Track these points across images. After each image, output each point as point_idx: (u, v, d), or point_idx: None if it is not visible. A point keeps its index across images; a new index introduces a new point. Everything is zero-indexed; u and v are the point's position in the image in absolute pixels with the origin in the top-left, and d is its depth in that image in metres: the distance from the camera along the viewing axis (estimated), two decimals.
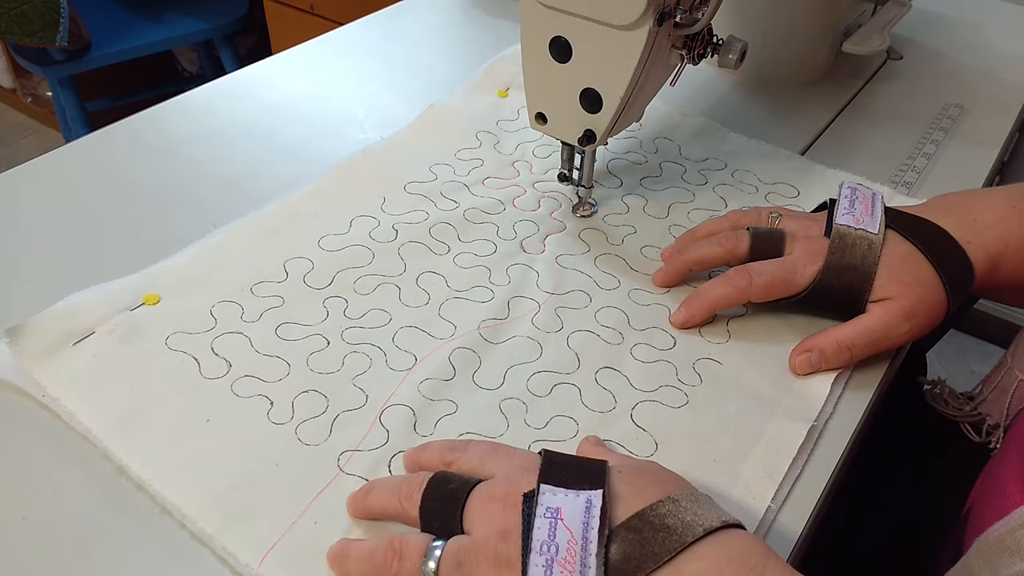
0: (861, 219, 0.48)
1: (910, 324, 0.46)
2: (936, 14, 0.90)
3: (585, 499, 0.32)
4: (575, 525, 0.31)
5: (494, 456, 0.37)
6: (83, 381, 0.42)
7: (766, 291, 0.48)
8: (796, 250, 0.49)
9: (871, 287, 0.46)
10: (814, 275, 0.47)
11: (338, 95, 0.70)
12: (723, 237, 0.51)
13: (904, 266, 0.47)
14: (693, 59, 0.51)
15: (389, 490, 0.36)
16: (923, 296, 0.46)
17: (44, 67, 1.55)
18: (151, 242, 0.52)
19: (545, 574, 0.30)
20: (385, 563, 0.33)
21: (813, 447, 0.43)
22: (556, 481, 0.33)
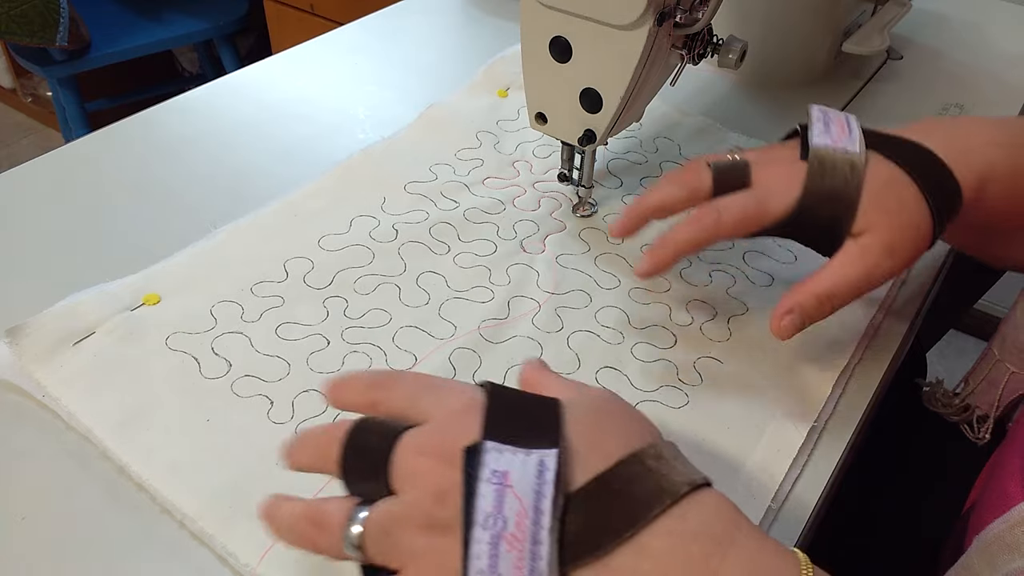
0: (839, 139, 0.43)
1: (892, 260, 0.41)
2: (936, 14, 0.90)
3: (537, 460, 0.27)
4: (525, 492, 0.26)
5: (427, 393, 0.31)
6: (83, 381, 0.42)
7: (737, 226, 0.42)
8: (765, 177, 0.44)
9: (855, 216, 0.41)
10: (793, 203, 0.42)
11: (338, 95, 0.70)
12: (681, 176, 0.45)
13: (888, 190, 0.42)
14: (693, 59, 0.51)
15: (313, 443, 0.31)
16: (907, 223, 0.41)
17: (44, 67, 1.55)
18: (151, 242, 0.52)
19: (490, 552, 0.26)
20: (306, 536, 0.29)
21: (813, 447, 0.43)
22: (504, 435, 0.28)
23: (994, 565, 0.35)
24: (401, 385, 0.32)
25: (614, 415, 0.32)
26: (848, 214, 0.41)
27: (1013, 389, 0.51)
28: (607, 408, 0.32)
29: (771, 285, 0.52)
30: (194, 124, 0.65)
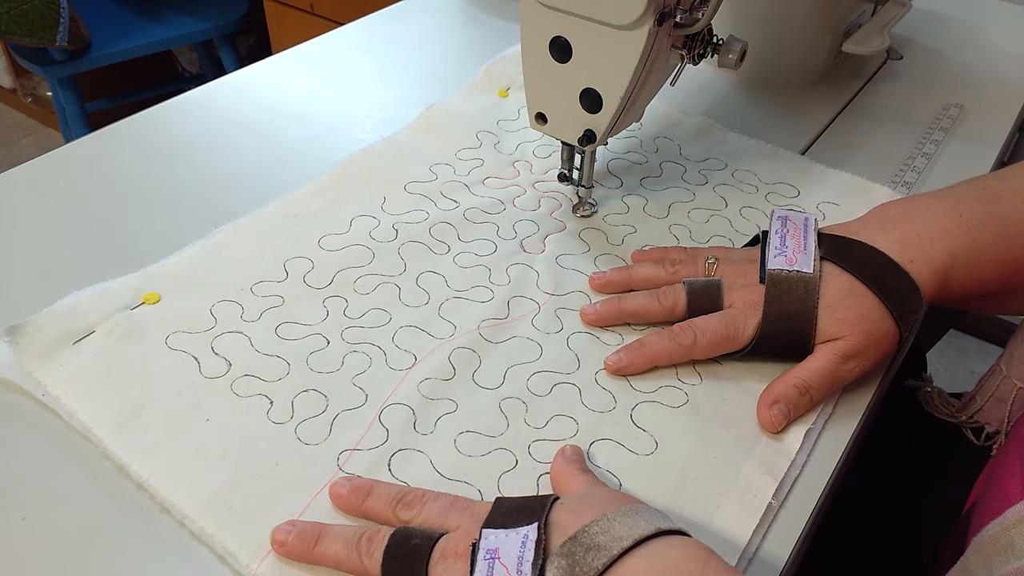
0: (794, 258, 0.46)
1: (858, 361, 0.44)
2: (936, 14, 0.90)
3: (522, 535, 0.32)
4: (511, 561, 0.31)
5: (454, 510, 0.36)
6: (83, 380, 0.42)
7: (711, 349, 0.46)
8: (736, 302, 0.46)
9: (815, 331, 0.44)
10: (755, 328, 0.45)
11: (338, 95, 0.70)
12: (661, 294, 0.48)
13: (845, 302, 0.44)
14: (693, 59, 0.51)
15: (345, 543, 0.35)
16: (870, 331, 0.44)
17: (44, 67, 1.55)
18: (151, 242, 0.52)
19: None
20: None
21: (813, 447, 0.43)
22: (497, 524, 0.33)
23: (990, 567, 0.35)
24: (431, 504, 0.37)
25: (601, 497, 0.35)
26: (808, 329, 0.44)
27: (1021, 404, 0.50)
28: (598, 493, 0.36)
29: None
30: (194, 124, 0.65)
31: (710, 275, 0.49)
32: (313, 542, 0.35)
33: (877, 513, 0.57)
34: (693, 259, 0.50)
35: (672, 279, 0.49)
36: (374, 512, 0.37)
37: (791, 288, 0.45)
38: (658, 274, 0.50)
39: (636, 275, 0.51)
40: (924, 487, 0.58)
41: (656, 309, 0.48)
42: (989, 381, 0.53)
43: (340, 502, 0.38)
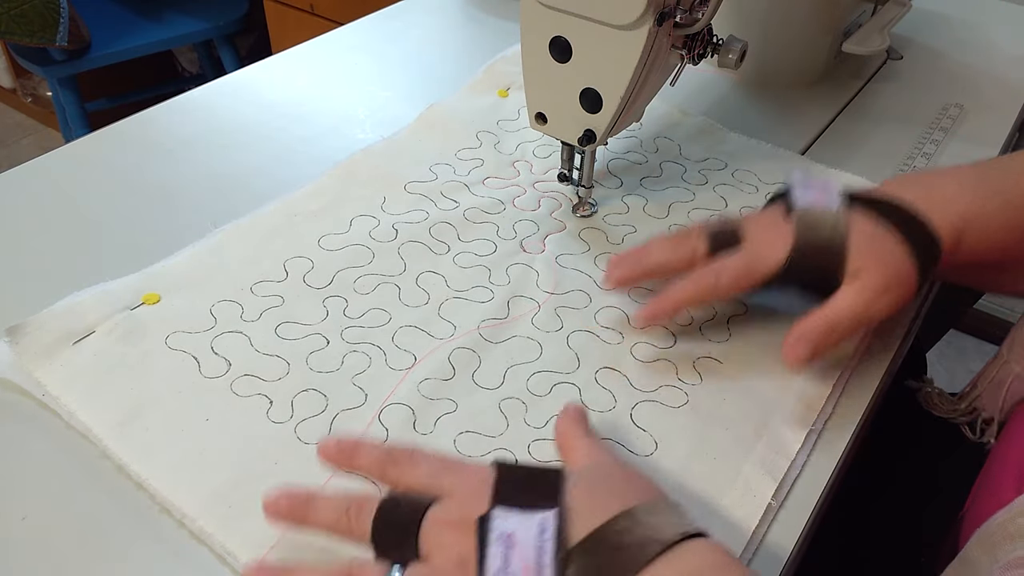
0: (820, 199, 0.47)
1: (888, 298, 0.44)
2: (936, 14, 0.90)
3: (539, 521, 0.31)
4: (528, 550, 0.30)
5: (447, 472, 0.35)
6: (83, 380, 0.42)
7: (733, 285, 0.46)
8: (756, 237, 0.47)
9: (844, 263, 0.44)
10: (784, 257, 0.45)
11: (338, 95, 0.70)
12: (679, 242, 0.48)
13: (873, 241, 0.45)
14: (693, 59, 0.51)
15: (335, 507, 0.35)
16: (897, 270, 0.44)
17: (44, 67, 1.55)
18: (151, 242, 0.52)
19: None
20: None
21: (813, 447, 0.43)
22: (509, 501, 0.32)
23: (994, 555, 0.35)
24: (422, 465, 0.35)
25: (615, 478, 0.35)
26: (838, 262, 0.45)
27: (1017, 391, 0.51)
28: (609, 472, 0.35)
29: None
30: (194, 124, 0.65)
31: None
32: (304, 510, 0.35)
33: (877, 513, 0.58)
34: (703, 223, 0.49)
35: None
36: (364, 468, 0.37)
37: (820, 222, 0.45)
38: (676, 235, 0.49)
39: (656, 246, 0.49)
40: (924, 487, 0.59)
41: (677, 257, 0.47)
42: (990, 367, 0.53)
43: (327, 457, 0.37)
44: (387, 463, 0.36)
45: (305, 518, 0.35)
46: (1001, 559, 0.35)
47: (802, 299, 0.47)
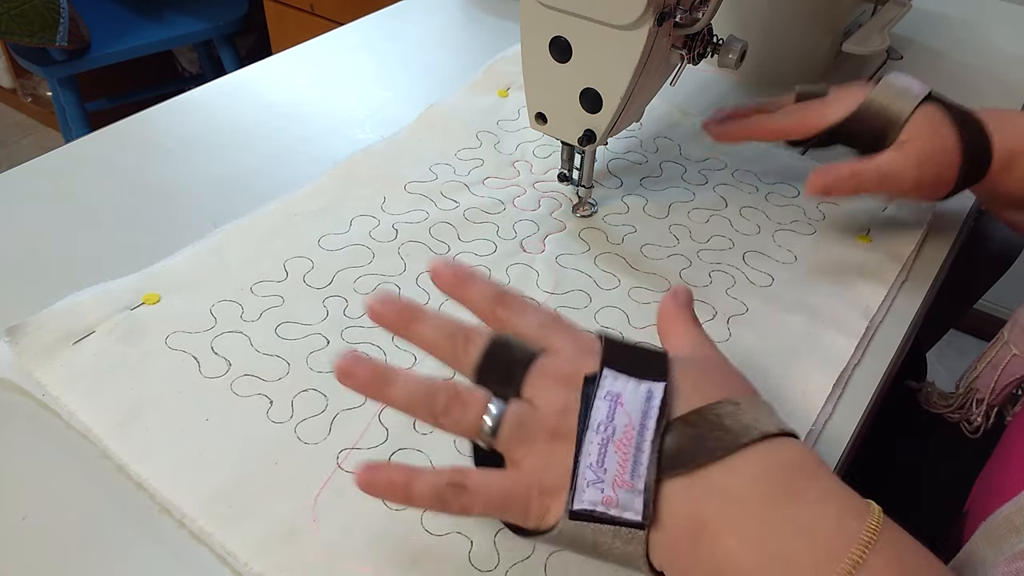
0: (910, 85, 0.53)
1: (919, 171, 0.50)
2: (936, 14, 0.90)
3: (647, 389, 0.32)
4: (634, 411, 0.31)
5: (555, 329, 0.35)
6: (83, 380, 0.42)
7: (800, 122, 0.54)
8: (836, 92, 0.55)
9: (899, 129, 0.51)
10: (849, 111, 0.52)
11: (338, 95, 0.70)
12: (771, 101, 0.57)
13: (931, 125, 0.51)
14: (693, 59, 0.51)
15: (444, 331, 0.34)
16: (939, 150, 0.50)
17: (44, 67, 1.55)
18: (151, 242, 0.52)
19: (599, 451, 0.31)
20: (447, 407, 0.32)
21: (813, 447, 0.43)
22: (619, 367, 0.33)
23: (999, 548, 0.35)
24: (531, 314, 0.36)
25: (718, 371, 0.35)
26: (893, 127, 0.51)
27: (1011, 372, 0.51)
28: (713, 365, 0.35)
29: (771, 285, 0.52)
30: (194, 124, 0.65)
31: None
32: (411, 318, 0.35)
33: None
34: None
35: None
36: (473, 301, 0.37)
37: (893, 93, 0.52)
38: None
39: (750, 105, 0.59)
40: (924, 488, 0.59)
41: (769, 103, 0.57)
42: (990, 348, 0.54)
43: (440, 281, 0.37)
44: (498, 303, 0.36)
45: (409, 329, 0.35)
46: (1006, 551, 0.34)
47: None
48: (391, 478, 0.31)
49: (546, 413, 0.32)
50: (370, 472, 0.32)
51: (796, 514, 0.29)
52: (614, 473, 0.30)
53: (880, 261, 0.54)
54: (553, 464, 0.32)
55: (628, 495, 0.30)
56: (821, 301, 0.51)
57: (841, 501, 0.30)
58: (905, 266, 0.54)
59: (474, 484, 0.31)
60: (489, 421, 0.32)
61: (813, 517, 0.29)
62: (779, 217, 0.58)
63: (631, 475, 0.30)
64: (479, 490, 0.31)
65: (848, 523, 0.29)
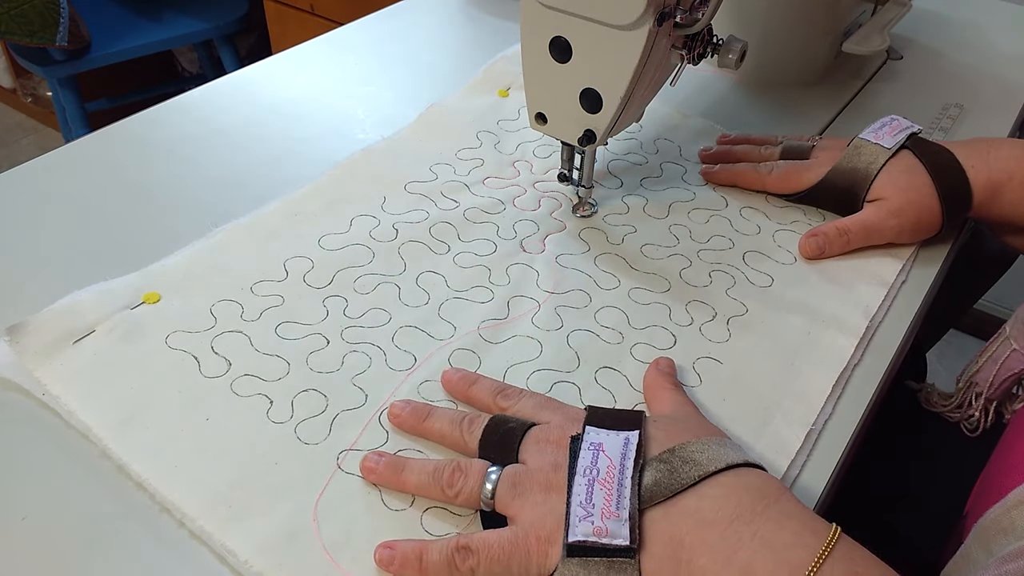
0: (881, 137, 0.56)
1: (899, 220, 0.53)
2: (936, 14, 0.90)
3: (624, 437, 0.37)
4: (614, 455, 0.36)
5: (547, 408, 0.41)
6: (83, 379, 0.42)
7: (780, 182, 0.58)
8: (816, 155, 0.58)
9: (869, 188, 0.54)
10: (823, 174, 0.56)
11: (338, 95, 0.70)
12: (761, 143, 0.61)
13: (903, 175, 0.54)
14: (693, 59, 0.51)
15: (450, 420, 0.40)
16: (914, 200, 0.53)
17: (44, 67, 1.55)
18: (151, 242, 0.52)
19: (587, 491, 0.34)
20: (451, 479, 0.37)
21: (813, 448, 0.43)
22: (599, 424, 0.38)
23: (989, 550, 0.35)
24: (527, 398, 0.42)
25: (691, 422, 0.39)
26: (863, 185, 0.55)
27: (1010, 367, 0.52)
28: (689, 418, 0.40)
29: (771, 286, 0.52)
30: (194, 124, 0.65)
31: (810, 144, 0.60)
32: (423, 417, 0.41)
33: (876, 514, 0.57)
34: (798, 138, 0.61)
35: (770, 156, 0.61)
36: (478, 398, 0.42)
37: (866, 152, 0.56)
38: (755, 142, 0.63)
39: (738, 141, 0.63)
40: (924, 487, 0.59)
41: (757, 152, 0.61)
42: (992, 343, 0.55)
43: (451, 386, 0.43)
44: (498, 395, 0.42)
45: (422, 426, 0.41)
46: (996, 553, 0.35)
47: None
48: (405, 553, 0.35)
49: (539, 469, 0.37)
50: (386, 551, 0.36)
51: (759, 530, 0.33)
52: (601, 507, 0.34)
53: (880, 261, 0.54)
54: (548, 513, 0.35)
55: (615, 524, 0.33)
56: (821, 301, 0.51)
57: (800, 520, 0.33)
58: (905, 266, 0.54)
59: (477, 544, 0.35)
60: (488, 484, 0.37)
61: (775, 532, 0.33)
62: (779, 217, 0.58)
63: (616, 506, 0.34)
64: (482, 549, 0.35)
65: (807, 538, 0.32)
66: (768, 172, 0.58)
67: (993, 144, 0.54)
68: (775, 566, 0.31)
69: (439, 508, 0.38)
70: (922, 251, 0.56)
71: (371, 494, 0.39)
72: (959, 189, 0.53)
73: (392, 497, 0.39)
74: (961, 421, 0.56)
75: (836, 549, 0.32)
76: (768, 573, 0.31)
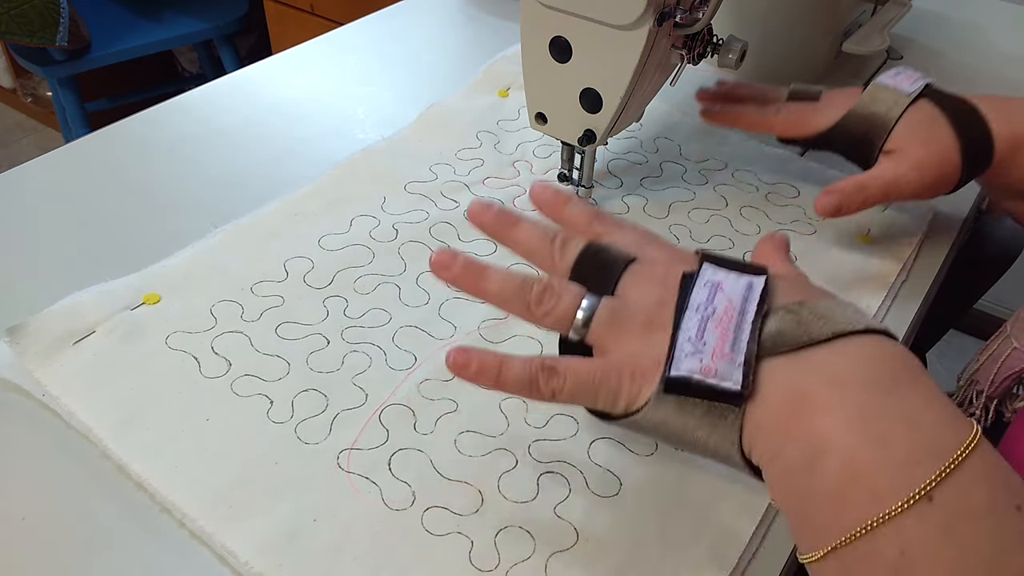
0: (899, 83, 0.52)
1: (919, 174, 0.49)
2: (936, 14, 0.90)
3: (748, 280, 0.32)
4: (735, 296, 0.31)
5: (650, 243, 0.36)
6: (83, 380, 0.42)
7: (787, 124, 0.55)
8: (827, 96, 0.55)
9: (887, 137, 0.51)
10: (836, 119, 0.52)
11: (338, 95, 0.70)
12: (770, 89, 0.58)
13: (923, 124, 0.50)
14: (693, 59, 0.51)
15: (541, 235, 0.35)
16: (934, 151, 0.49)
17: (44, 67, 1.55)
18: (151, 242, 0.52)
19: (699, 327, 0.30)
20: (541, 296, 0.33)
21: None
22: (719, 263, 0.33)
23: None
24: (629, 230, 0.36)
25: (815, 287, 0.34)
26: (880, 134, 0.51)
27: (1010, 366, 0.51)
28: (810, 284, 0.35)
29: None
30: (194, 124, 0.65)
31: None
32: (511, 224, 0.36)
33: None
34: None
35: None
36: (570, 218, 0.37)
37: (884, 97, 0.51)
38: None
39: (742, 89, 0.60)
40: None
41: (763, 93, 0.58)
42: (993, 340, 0.54)
43: (539, 200, 0.38)
44: (595, 219, 0.37)
45: (509, 233, 0.36)
46: None
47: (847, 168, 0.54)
48: (484, 361, 0.32)
49: (641, 305, 0.32)
50: (462, 354, 0.32)
51: (900, 404, 0.28)
52: (713, 346, 0.30)
53: (880, 261, 0.54)
54: (647, 350, 0.31)
55: (727, 366, 0.29)
56: None
57: (945, 404, 0.29)
58: (905, 266, 0.54)
59: (564, 367, 0.31)
60: (582, 312, 0.32)
61: (917, 410, 0.28)
62: (779, 217, 0.58)
63: (731, 348, 0.30)
64: (569, 373, 0.31)
65: (954, 423, 0.28)
66: (775, 113, 0.55)
67: (1013, 101, 0.51)
68: (915, 445, 0.27)
69: (440, 508, 0.38)
70: (922, 251, 0.56)
71: (371, 493, 0.39)
72: (981, 143, 0.49)
73: (393, 496, 0.39)
74: None
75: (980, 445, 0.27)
76: (906, 451, 0.27)
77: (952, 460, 0.26)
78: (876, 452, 0.27)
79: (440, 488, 0.39)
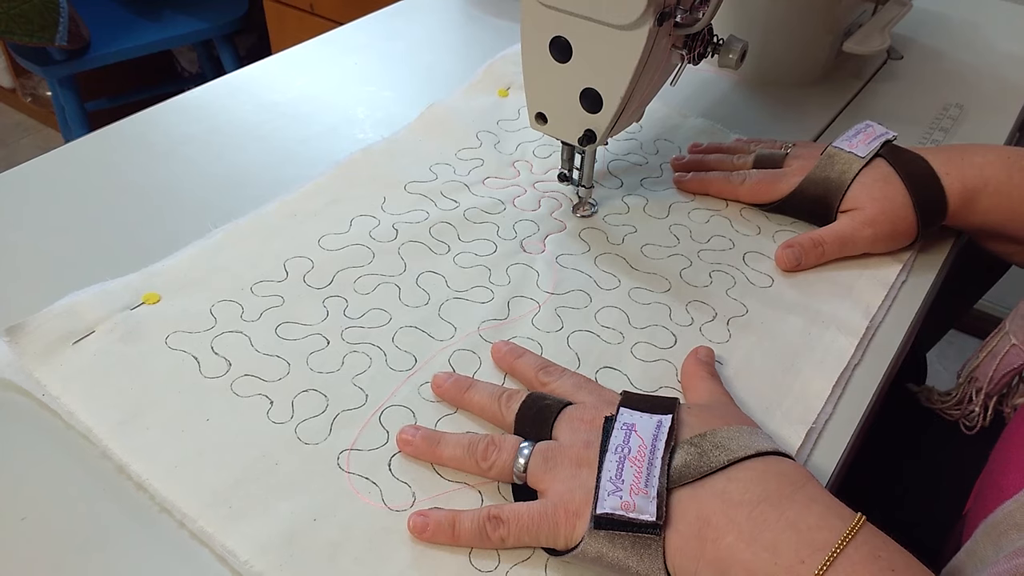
0: (855, 146, 0.55)
1: (873, 229, 0.53)
2: (936, 14, 0.90)
3: (657, 420, 0.37)
4: (646, 435, 0.36)
5: (584, 388, 0.42)
6: (83, 380, 0.42)
7: (751, 194, 0.57)
8: (789, 164, 0.58)
9: (842, 198, 0.54)
10: (796, 183, 0.55)
11: (338, 95, 0.70)
12: (733, 149, 0.61)
13: (876, 184, 0.53)
14: (693, 59, 0.51)
15: (489, 394, 0.42)
16: (887, 209, 0.52)
17: (44, 67, 1.55)
18: (151, 242, 0.52)
19: (617, 467, 0.35)
20: (485, 453, 0.38)
21: (812, 448, 0.43)
22: (634, 407, 0.38)
23: (999, 545, 0.35)
24: (567, 378, 0.43)
25: (724, 411, 0.40)
26: (836, 195, 0.54)
27: (1008, 363, 0.52)
28: (723, 407, 0.41)
29: (771, 286, 0.52)
30: (194, 124, 0.64)
31: (784, 151, 0.59)
32: (464, 389, 0.42)
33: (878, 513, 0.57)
34: (771, 143, 0.61)
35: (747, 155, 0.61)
36: (521, 371, 0.44)
37: (839, 161, 0.55)
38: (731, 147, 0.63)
39: (711, 149, 0.63)
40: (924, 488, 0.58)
41: (727, 163, 0.60)
42: (991, 338, 0.55)
43: (498, 357, 0.45)
44: (540, 370, 0.43)
45: (463, 397, 0.42)
46: (1006, 548, 0.35)
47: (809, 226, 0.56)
48: (438, 521, 0.36)
49: (571, 445, 0.38)
50: (420, 519, 0.37)
51: (785, 514, 0.33)
52: (630, 483, 0.35)
53: (880, 261, 0.54)
54: (577, 487, 0.36)
55: (643, 500, 0.34)
56: (821, 302, 0.51)
57: (826, 505, 0.34)
58: (905, 266, 0.54)
59: (508, 514, 0.36)
60: (521, 459, 0.38)
61: (801, 515, 0.33)
62: (779, 218, 0.58)
63: (645, 484, 0.35)
64: (512, 519, 0.36)
65: (832, 521, 0.33)
66: (740, 182, 0.57)
67: (967, 151, 0.54)
68: (800, 546, 0.32)
69: (439, 509, 0.38)
70: (922, 252, 0.56)
71: (371, 494, 0.39)
72: (934, 197, 0.52)
73: (393, 496, 0.39)
74: (960, 419, 0.56)
75: (860, 534, 0.32)
76: (793, 553, 0.32)
77: (832, 552, 0.31)
78: (769, 558, 0.32)
79: (439, 489, 0.39)
